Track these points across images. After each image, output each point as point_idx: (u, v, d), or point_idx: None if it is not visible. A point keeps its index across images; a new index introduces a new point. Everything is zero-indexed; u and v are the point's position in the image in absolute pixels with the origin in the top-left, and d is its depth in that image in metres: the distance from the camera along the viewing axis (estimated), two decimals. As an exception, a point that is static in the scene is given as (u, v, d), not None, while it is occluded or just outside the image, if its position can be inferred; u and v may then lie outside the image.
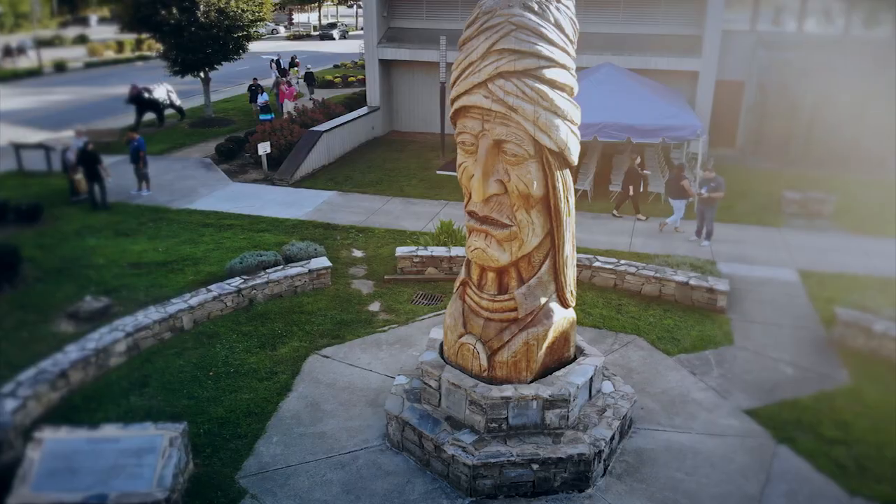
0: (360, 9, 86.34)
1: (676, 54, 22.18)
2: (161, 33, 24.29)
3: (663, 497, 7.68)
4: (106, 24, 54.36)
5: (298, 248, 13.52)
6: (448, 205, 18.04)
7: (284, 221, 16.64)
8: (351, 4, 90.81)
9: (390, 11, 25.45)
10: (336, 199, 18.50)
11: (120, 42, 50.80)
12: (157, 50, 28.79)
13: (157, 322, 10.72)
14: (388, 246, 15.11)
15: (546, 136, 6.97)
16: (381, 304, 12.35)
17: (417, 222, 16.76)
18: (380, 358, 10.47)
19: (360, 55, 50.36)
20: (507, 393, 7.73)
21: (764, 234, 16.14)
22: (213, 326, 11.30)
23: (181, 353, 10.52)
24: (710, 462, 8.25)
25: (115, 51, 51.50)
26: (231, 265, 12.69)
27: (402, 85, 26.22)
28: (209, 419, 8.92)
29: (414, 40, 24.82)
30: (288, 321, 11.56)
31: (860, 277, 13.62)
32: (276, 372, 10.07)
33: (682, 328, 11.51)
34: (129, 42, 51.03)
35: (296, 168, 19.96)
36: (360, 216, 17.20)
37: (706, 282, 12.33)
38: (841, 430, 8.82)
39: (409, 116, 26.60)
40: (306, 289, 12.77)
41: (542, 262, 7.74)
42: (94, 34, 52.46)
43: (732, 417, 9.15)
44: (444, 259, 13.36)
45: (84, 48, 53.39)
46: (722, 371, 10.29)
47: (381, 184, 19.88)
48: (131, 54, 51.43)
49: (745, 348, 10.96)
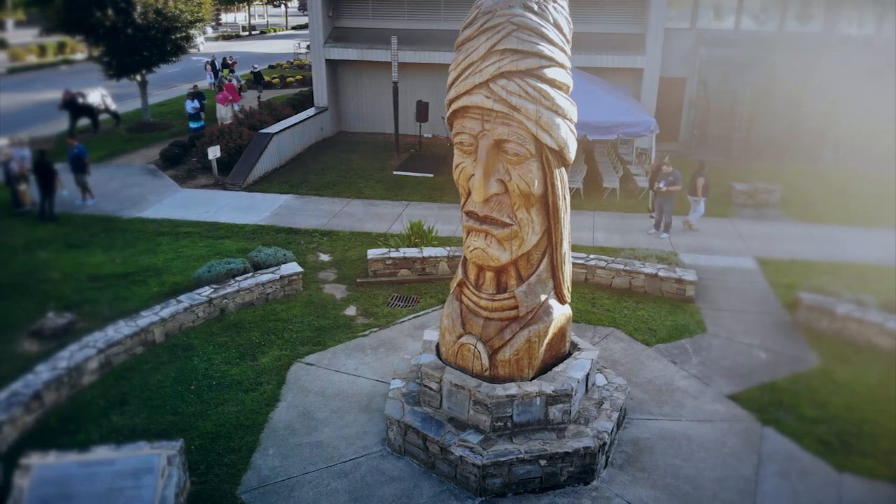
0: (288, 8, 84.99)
1: (622, 52, 22.71)
2: (95, 35, 23.23)
3: (665, 484, 7.87)
4: (24, 27, 51.67)
5: (266, 253, 13.19)
6: (410, 205, 17.96)
7: (243, 227, 16.20)
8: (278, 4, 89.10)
9: (336, 11, 25.12)
10: (294, 203, 18.14)
11: (42, 46, 48.29)
12: (83, 53, 27.46)
13: (128, 337, 10.27)
14: (356, 249, 14.94)
15: (547, 134, 7.02)
16: (358, 308, 12.18)
17: (381, 224, 16.62)
18: (366, 363, 10.33)
19: (293, 55, 49.62)
20: (512, 391, 7.76)
21: (718, 225, 16.73)
22: (186, 339, 10.91)
23: (157, 367, 10.11)
24: (703, 447, 8.50)
25: (37, 55, 48.91)
26: (199, 274, 12.27)
27: (350, 85, 25.93)
28: (199, 434, 8.61)
29: (361, 40, 24.57)
30: (265, 330, 11.27)
31: (813, 263, 14.29)
32: (261, 382, 9.81)
33: (656, 319, 11.81)
34: (51, 46, 48.55)
35: (248, 172, 19.46)
36: (321, 219, 16.92)
37: (674, 273, 12.69)
38: (819, 409, 9.25)
39: (357, 117, 26.34)
40: (278, 296, 12.48)
41: (541, 259, 7.80)
42: (13, 38, 49.68)
43: (717, 403, 9.46)
44: (416, 260, 13.29)
45: (4, 53, 50.44)
46: (700, 359, 10.62)
47: (339, 186, 19.60)
48: (55, 58, 48.92)
49: (718, 335, 11.35)
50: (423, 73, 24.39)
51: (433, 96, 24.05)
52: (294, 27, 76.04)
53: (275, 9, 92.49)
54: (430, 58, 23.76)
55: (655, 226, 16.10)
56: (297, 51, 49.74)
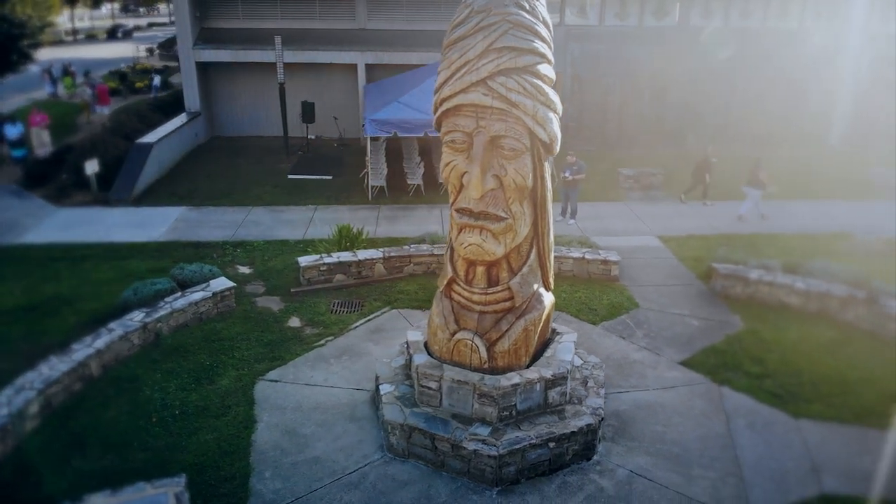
0: (114, 10, 78.77)
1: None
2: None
3: (657, 450, 8.44)
4: None
5: (191, 270, 12.37)
6: (318, 209, 17.54)
7: (144, 245, 15.04)
8: (99, 5, 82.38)
9: (203, 11, 23.82)
10: (190, 215, 17.08)
11: None
12: None
13: (65, 374, 9.26)
14: (277, 258, 14.40)
15: (542, 129, 7.27)
16: (301, 319, 11.78)
17: (295, 230, 16.11)
18: (334, 372, 10.06)
19: (133, 59, 46.16)
20: (515, 380, 7.96)
21: (615, 209, 17.92)
22: (126, 369, 10.01)
23: (105, 403, 9.21)
24: (677, 412, 9.19)
25: None
26: (125, 298, 11.28)
27: (223, 88, 24.73)
28: (182, 467, 7.97)
29: (233, 41, 23.51)
30: (211, 351, 10.60)
31: (707, 236, 15.77)
32: (229, 406, 9.25)
33: (593, 299, 12.50)
34: None
35: (132, 185, 18.03)
36: (227, 230, 16.09)
37: (599, 255, 13.48)
38: (759, 365, 10.29)
39: (233, 120, 25.19)
40: (212, 314, 11.76)
41: (529, 250, 8.05)
42: None
43: (673, 370, 10.23)
44: (352, 264, 13.07)
45: None
46: (643, 332, 11.41)
47: (234, 194, 18.70)
48: None
49: (651, 309, 12.23)
50: (304, 73, 23.83)
51: (315, 97, 23.59)
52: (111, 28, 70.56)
53: (96, 11, 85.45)
54: (311, 57, 23.27)
55: (562, 213, 16.93)
56: (136, 55, 46.46)
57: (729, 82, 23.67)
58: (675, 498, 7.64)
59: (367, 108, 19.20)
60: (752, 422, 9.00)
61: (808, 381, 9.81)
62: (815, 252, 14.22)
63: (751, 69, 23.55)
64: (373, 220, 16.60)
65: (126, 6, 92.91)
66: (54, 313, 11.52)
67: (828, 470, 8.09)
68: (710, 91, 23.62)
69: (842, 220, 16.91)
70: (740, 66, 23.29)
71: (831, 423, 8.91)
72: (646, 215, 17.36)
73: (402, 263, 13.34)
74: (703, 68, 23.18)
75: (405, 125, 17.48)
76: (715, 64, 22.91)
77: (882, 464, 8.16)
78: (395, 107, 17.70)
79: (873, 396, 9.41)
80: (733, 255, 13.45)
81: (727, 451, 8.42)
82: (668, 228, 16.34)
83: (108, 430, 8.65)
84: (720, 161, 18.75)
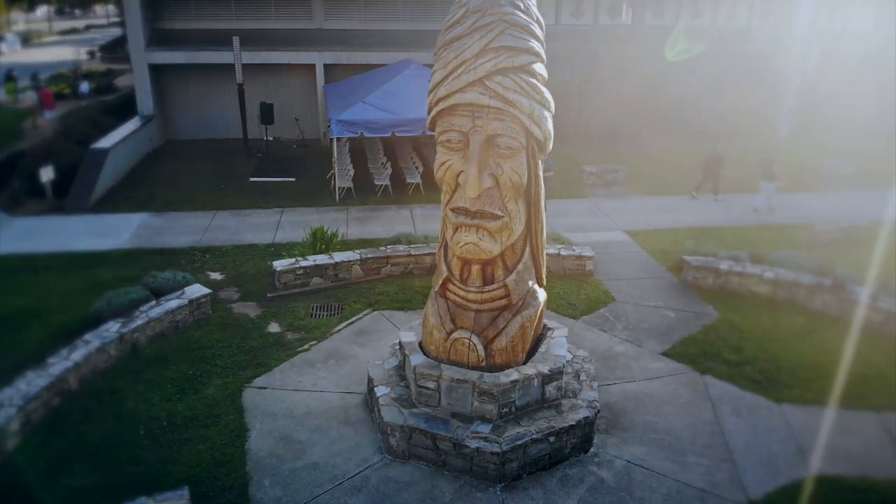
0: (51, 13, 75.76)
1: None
2: None
3: (650, 439, 8.63)
4: None
5: (164, 278, 12.05)
6: (285, 212, 17.29)
7: (109, 253, 14.56)
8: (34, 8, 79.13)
9: (154, 12, 23.17)
10: (153, 222, 16.62)
11: None
12: None
13: (44, 389, 8.91)
14: (249, 263, 14.15)
15: (537, 127, 7.36)
16: (281, 324, 11.60)
17: (263, 234, 15.84)
18: (322, 377, 9.95)
19: (73, 63, 44.53)
20: (514, 377, 8.03)
21: (581, 205, 18.21)
22: (106, 382, 9.69)
23: (87, 418, 8.91)
24: (664, 402, 9.42)
25: None
26: (98, 308, 10.92)
27: (177, 91, 24.10)
28: (177, 480, 7.78)
29: (187, 42, 22.94)
30: (192, 360, 10.35)
31: (673, 230, 16.18)
32: (218, 415, 9.05)
33: (570, 294, 12.68)
34: None
35: (89, 192, 17.43)
36: (193, 236, 15.71)
37: (574, 251, 13.68)
38: (738, 353, 10.62)
39: (187, 124, 24.55)
40: (188, 322, 11.47)
41: (524, 248, 8.13)
42: None
43: (656, 361, 10.48)
44: (328, 267, 12.93)
45: None
46: (623, 324, 11.64)
47: (195, 198, 18.26)
48: None
49: (627, 302, 12.49)
50: (261, 74, 23.42)
51: (273, 98, 23.24)
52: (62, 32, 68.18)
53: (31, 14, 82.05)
54: (268, 58, 22.91)
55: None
56: (78, 58, 44.89)
57: (682, 80, 24.31)
58: (674, 485, 7.84)
59: (331, 108, 19.00)
60: (737, 408, 9.29)
61: (785, 366, 10.17)
62: (777, 243, 14.76)
63: (703, 67, 24.24)
64: (343, 222, 16.45)
65: (61, 9, 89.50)
66: (23, 326, 11.06)
67: (814, 451, 8.42)
68: (665, 88, 24.21)
69: (802, 212, 17.55)
70: (693, 64, 23.95)
71: (811, 406, 9.27)
72: (610, 211, 17.69)
73: (380, 265, 13.28)
74: (658, 66, 23.74)
75: (372, 125, 17.38)
76: (669, 62, 23.49)
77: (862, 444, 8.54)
78: (360, 107, 17.58)
79: (846, 379, 9.82)
80: (701, 248, 13.85)
81: (717, 438, 8.68)
82: (633, 223, 16.70)
83: (94, 446, 8.37)
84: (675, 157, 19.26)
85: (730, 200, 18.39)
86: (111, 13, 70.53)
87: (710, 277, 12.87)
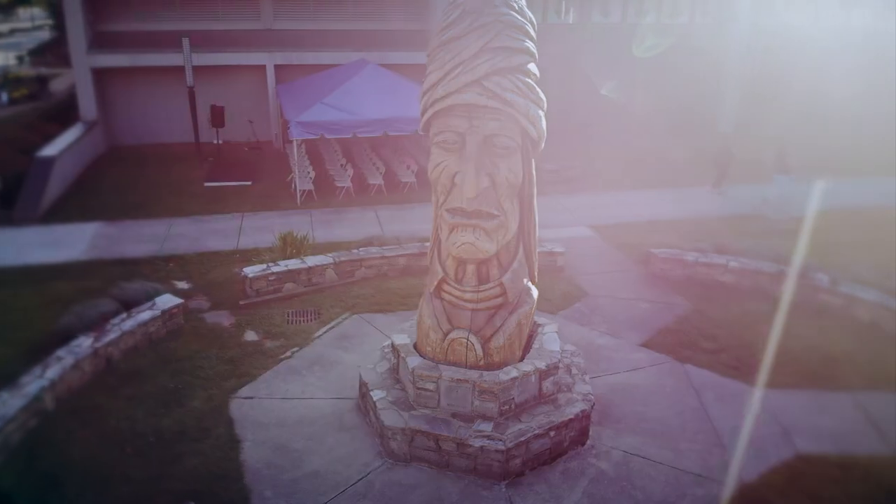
0: None
1: (408, 49, 23.55)
2: None
3: (642, 429, 8.86)
4: None
5: (133, 288, 11.64)
6: (246, 217, 16.93)
7: (66, 266, 13.95)
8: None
9: (96, 15, 22.27)
10: (108, 231, 16.01)
11: None
12: None
13: (21, 410, 8.49)
14: (215, 270, 13.81)
15: (533, 126, 7.46)
16: (258, 332, 11.35)
17: (226, 241, 15.47)
18: (310, 384, 9.81)
19: (2, 67, 42.35)
20: (514, 374, 8.11)
21: (542, 201, 18.16)
22: (83, 400, 9.29)
23: (69, 437, 8.53)
24: (651, 391, 9.68)
25: None
26: (66, 323, 10.45)
27: (120, 95, 23.21)
28: (175, 496, 7.56)
29: (130, 45, 22.16)
30: (172, 373, 10.04)
31: (634, 223, 16.60)
32: (207, 427, 8.82)
33: (546, 290, 12.73)
34: None
35: (38, 202, 16.66)
36: (152, 245, 15.22)
37: (545, 247, 13.85)
38: (713, 341, 11.00)
39: (132, 129, 23.65)
40: (161, 334, 11.11)
41: (517, 246, 8.23)
42: None
43: (637, 352, 10.75)
44: (301, 271, 12.73)
45: None
46: (600, 318, 11.89)
47: (149, 206, 17.68)
48: None
49: (601, 296, 12.76)
50: (208, 76, 22.79)
51: (222, 100, 22.67)
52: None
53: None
54: (216, 59, 22.35)
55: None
56: (7, 63, 42.74)
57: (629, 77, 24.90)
58: (671, 472, 8.07)
59: (287, 110, 18.70)
60: (720, 394, 9.63)
61: (759, 352, 10.58)
62: (734, 233, 15.33)
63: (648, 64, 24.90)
64: (307, 226, 16.20)
65: None
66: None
67: (797, 432, 8.81)
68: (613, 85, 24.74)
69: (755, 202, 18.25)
70: (639, 61, 24.57)
71: (788, 389, 9.68)
72: (571, 207, 18.01)
73: (354, 267, 13.17)
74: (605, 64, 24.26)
75: (332, 127, 17.21)
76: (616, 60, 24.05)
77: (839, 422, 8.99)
78: (320, 108, 17.37)
79: (817, 361, 10.32)
80: (666, 240, 14.27)
81: (705, 424, 8.97)
82: (595, 218, 17.06)
83: (81, 466, 8.03)
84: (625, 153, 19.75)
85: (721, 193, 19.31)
86: (36, 16, 67.24)
87: (679, 269, 13.28)
